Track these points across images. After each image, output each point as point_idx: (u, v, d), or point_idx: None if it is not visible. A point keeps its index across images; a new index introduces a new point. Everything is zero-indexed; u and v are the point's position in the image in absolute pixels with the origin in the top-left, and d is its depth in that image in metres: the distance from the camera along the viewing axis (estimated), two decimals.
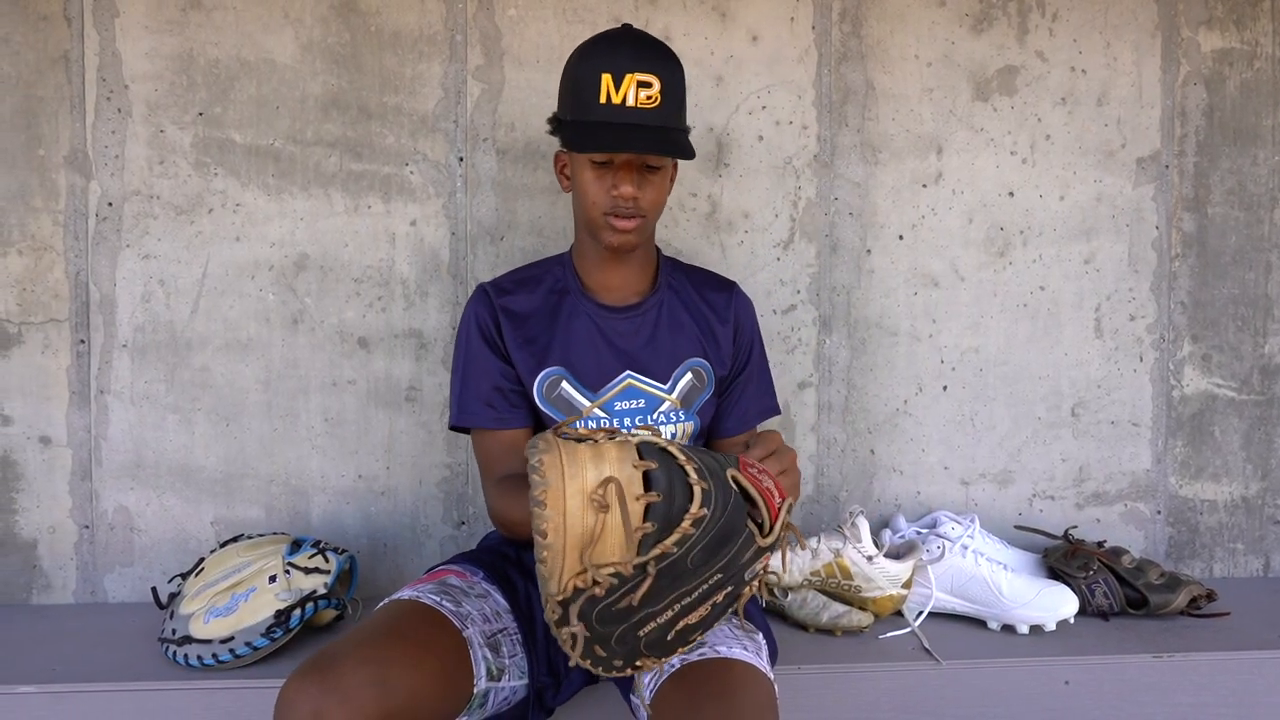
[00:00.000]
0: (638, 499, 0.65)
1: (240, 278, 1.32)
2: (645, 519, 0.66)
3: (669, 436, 1.03)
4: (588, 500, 0.64)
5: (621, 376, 1.05)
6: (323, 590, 1.13)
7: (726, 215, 1.39)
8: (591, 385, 1.05)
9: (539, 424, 1.07)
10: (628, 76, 0.95)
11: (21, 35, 1.28)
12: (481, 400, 1.05)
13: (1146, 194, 1.44)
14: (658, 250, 1.13)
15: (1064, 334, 1.44)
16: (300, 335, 1.33)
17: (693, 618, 0.73)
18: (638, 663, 0.75)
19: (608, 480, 0.65)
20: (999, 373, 1.43)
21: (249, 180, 1.32)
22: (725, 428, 1.13)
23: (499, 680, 0.91)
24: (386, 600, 0.94)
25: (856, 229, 1.41)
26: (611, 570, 0.65)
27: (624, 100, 0.95)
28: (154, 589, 1.20)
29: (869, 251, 1.41)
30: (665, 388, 1.07)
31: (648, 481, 0.67)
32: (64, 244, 1.30)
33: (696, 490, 0.67)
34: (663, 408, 1.06)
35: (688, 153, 0.99)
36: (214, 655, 1.06)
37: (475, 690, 0.88)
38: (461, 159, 1.35)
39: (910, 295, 1.42)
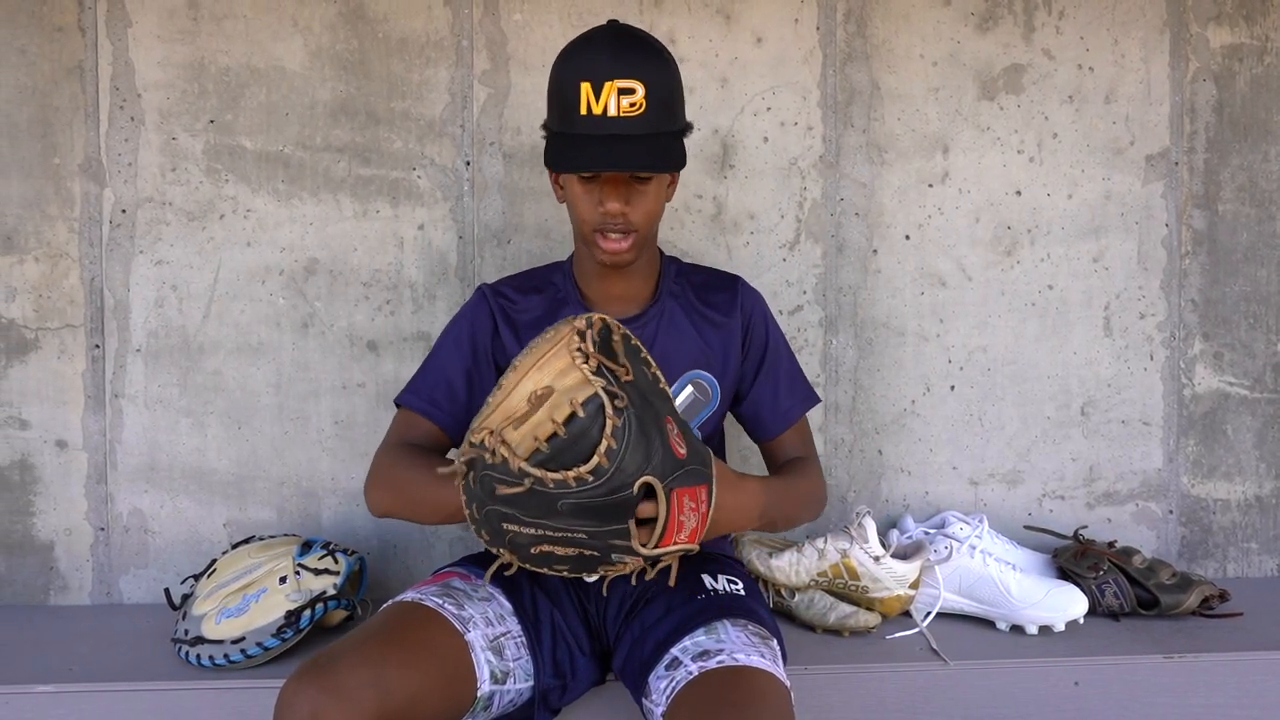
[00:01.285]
0: (551, 421, 0.73)
1: (251, 282, 1.34)
2: (549, 442, 0.74)
3: None
4: (531, 390, 0.74)
5: None
6: (332, 591, 1.14)
7: (732, 216, 1.39)
8: None
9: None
10: (607, 84, 0.90)
11: (37, 46, 1.31)
12: (427, 388, 1.05)
13: (1156, 191, 1.43)
14: (661, 254, 1.11)
15: (1073, 333, 1.43)
16: (310, 339, 1.35)
17: (557, 550, 0.79)
18: (498, 549, 0.81)
19: (546, 390, 0.74)
20: (1007, 372, 1.42)
21: (259, 186, 1.34)
22: (767, 430, 1.10)
23: (504, 683, 0.91)
24: (390, 602, 0.95)
25: (863, 229, 1.41)
26: (501, 450, 0.73)
27: (605, 110, 0.90)
28: (166, 590, 1.22)
29: (875, 252, 1.41)
30: None
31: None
32: (79, 250, 1.32)
33: (594, 459, 0.73)
34: None
35: (676, 163, 0.94)
36: (225, 655, 1.07)
37: (479, 693, 0.89)
38: (468, 163, 1.36)
39: (917, 295, 1.41)
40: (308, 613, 1.11)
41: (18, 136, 1.31)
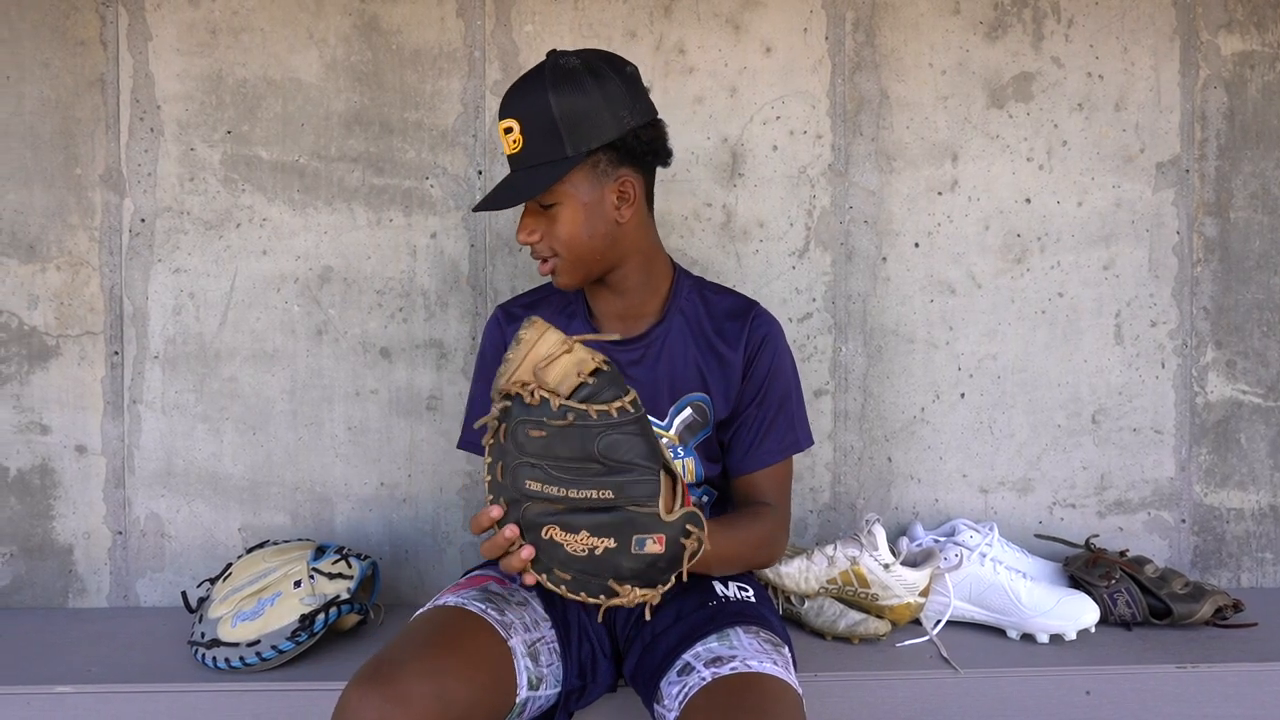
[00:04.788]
0: (578, 373, 0.79)
1: (267, 290, 1.36)
2: (592, 376, 0.79)
3: None
4: (557, 340, 0.79)
5: None
6: (346, 595, 1.15)
7: (741, 225, 1.40)
8: None
9: None
10: (499, 125, 0.97)
11: (60, 60, 1.33)
12: (479, 431, 1.08)
13: (1166, 199, 1.43)
14: (677, 270, 1.09)
15: (1083, 340, 1.43)
16: (324, 346, 1.37)
17: (568, 541, 0.80)
18: (523, 539, 0.82)
19: (574, 340, 0.80)
20: (1017, 380, 1.42)
21: (275, 195, 1.36)
22: (737, 466, 1.04)
23: (537, 689, 0.92)
24: (432, 605, 0.96)
25: (872, 237, 1.41)
26: (540, 392, 0.79)
27: (504, 150, 0.98)
28: (184, 593, 1.24)
29: (884, 259, 1.41)
30: (663, 424, 1.04)
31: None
32: (99, 259, 1.35)
33: (626, 399, 0.78)
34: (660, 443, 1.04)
35: (529, 191, 0.94)
36: (241, 658, 1.09)
37: (517, 700, 0.89)
38: (480, 172, 1.37)
39: (927, 303, 1.42)
40: (321, 616, 1.12)
41: (40, 147, 1.34)
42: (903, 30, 1.40)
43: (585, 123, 0.94)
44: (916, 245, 1.41)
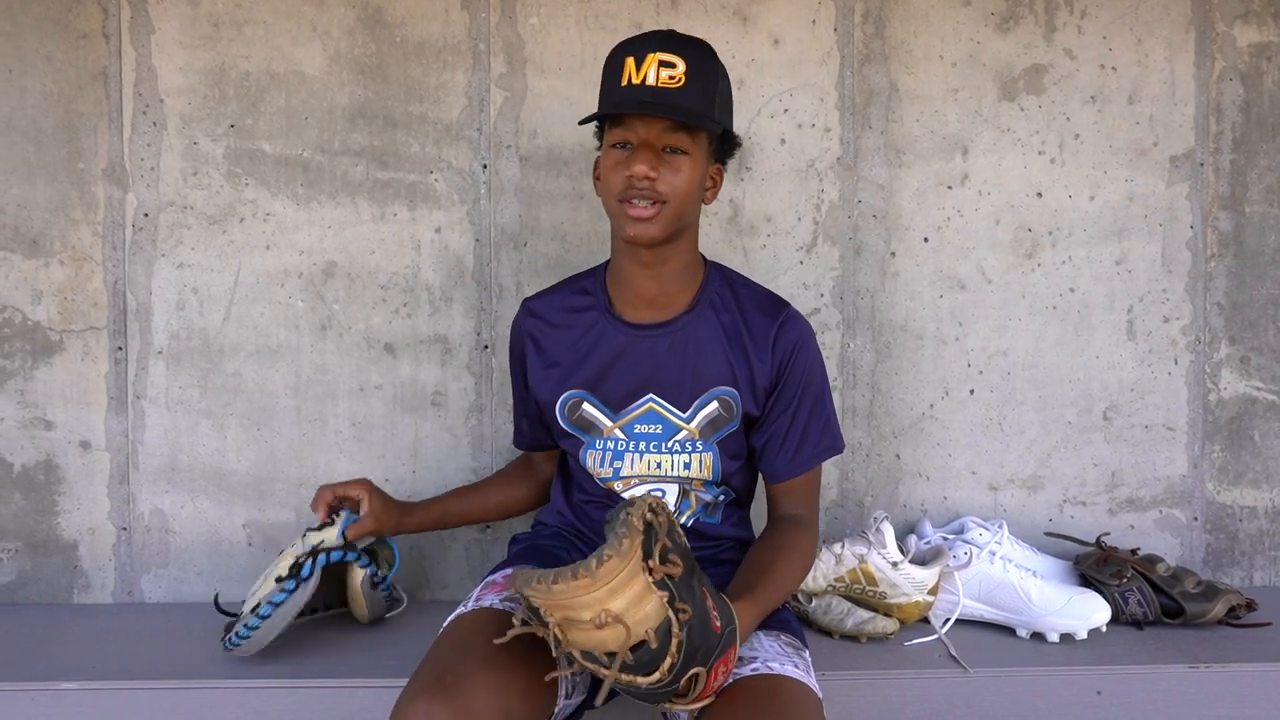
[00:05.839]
0: (629, 647, 0.75)
1: (270, 285, 1.35)
2: (609, 656, 0.77)
3: (683, 467, 1.02)
4: (599, 611, 0.74)
5: (644, 399, 1.02)
6: (333, 542, 1.11)
7: (749, 219, 1.38)
8: (613, 405, 1.03)
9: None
10: (649, 56, 0.91)
11: (63, 53, 1.33)
12: (527, 431, 1.16)
13: (1180, 193, 1.41)
14: (707, 264, 1.07)
15: (1095, 336, 1.41)
16: (328, 341, 1.36)
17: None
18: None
19: (614, 619, 0.74)
20: (1028, 376, 1.41)
21: (279, 190, 1.35)
22: (774, 474, 1.03)
23: (571, 698, 0.91)
24: (476, 605, 0.94)
25: (880, 232, 1.39)
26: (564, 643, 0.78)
27: (645, 79, 0.91)
28: (216, 595, 1.19)
29: (893, 254, 1.40)
30: (684, 416, 1.02)
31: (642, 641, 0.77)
32: (102, 254, 1.34)
33: (655, 673, 0.76)
34: (678, 436, 1.02)
35: (705, 123, 0.93)
36: (245, 625, 1.07)
37: (556, 709, 0.88)
38: (485, 166, 1.36)
39: (936, 298, 1.40)
40: (309, 562, 1.09)
41: (44, 142, 1.33)
42: (912, 22, 1.38)
43: (727, 104, 1.01)
44: (926, 240, 1.40)
